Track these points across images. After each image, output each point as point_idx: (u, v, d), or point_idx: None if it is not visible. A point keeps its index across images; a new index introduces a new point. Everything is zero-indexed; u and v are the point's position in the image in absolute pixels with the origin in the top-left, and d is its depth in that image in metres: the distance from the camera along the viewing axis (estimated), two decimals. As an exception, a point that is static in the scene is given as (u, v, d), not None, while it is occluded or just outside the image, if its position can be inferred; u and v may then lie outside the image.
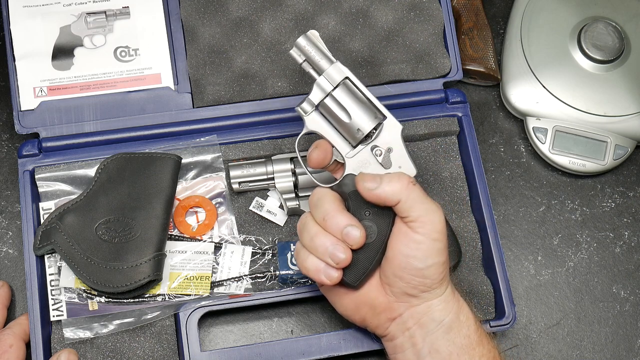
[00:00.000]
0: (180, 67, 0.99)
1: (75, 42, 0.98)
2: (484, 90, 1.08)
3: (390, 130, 0.83)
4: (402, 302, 0.81)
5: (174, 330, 0.91)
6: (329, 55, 0.82)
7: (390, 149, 0.83)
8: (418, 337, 0.81)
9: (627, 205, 1.04)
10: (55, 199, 0.94)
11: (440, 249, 0.79)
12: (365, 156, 0.82)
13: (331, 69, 0.82)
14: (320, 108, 0.83)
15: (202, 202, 0.95)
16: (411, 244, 0.79)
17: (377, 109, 0.83)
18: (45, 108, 0.96)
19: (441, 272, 0.80)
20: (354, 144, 0.82)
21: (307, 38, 0.82)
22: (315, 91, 0.83)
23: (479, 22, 1.05)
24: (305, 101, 0.83)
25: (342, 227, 0.79)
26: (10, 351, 0.88)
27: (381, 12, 1.01)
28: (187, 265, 0.92)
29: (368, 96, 0.83)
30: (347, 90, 0.82)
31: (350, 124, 0.82)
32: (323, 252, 0.79)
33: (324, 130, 0.83)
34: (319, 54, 0.82)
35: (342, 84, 0.82)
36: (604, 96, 1.03)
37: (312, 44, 0.82)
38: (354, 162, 0.83)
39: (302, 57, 0.83)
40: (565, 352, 0.98)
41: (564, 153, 1.02)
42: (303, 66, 0.83)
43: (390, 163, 0.82)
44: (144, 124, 0.97)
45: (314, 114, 0.83)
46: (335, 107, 0.82)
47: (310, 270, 0.81)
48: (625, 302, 1.00)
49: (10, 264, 0.97)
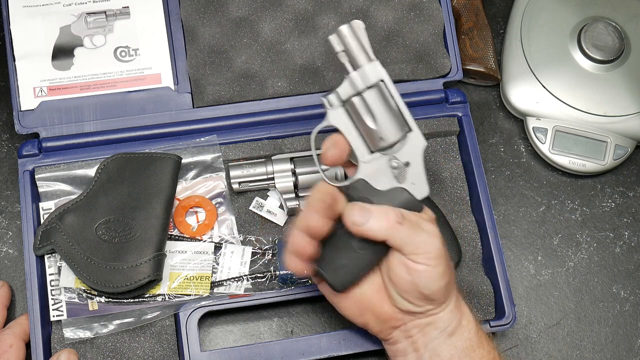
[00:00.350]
0: (180, 67, 0.99)
1: (75, 42, 0.98)
2: (484, 90, 1.08)
3: (413, 144, 0.79)
4: (407, 316, 0.80)
5: (174, 330, 0.91)
6: (369, 52, 0.77)
7: (409, 163, 0.78)
8: (420, 343, 0.80)
9: (627, 205, 1.04)
10: (55, 199, 0.94)
11: (441, 273, 0.77)
12: (381, 165, 0.78)
13: (368, 66, 0.77)
14: (347, 105, 0.78)
15: (202, 202, 0.95)
16: (413, 272, 0.77)
17: (405, 120, 0.78)
18: (45, 108, 0.96)
19: (446, 292, 0.79)
20: (373, 149, 0.78)
21: (351, 28, 0.77)
22: (345, 86, 0.78)
23: (479, 22, 1.05)
24: (333, 93, 0.78)
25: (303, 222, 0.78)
26: (10, 351, 0.88)
27: (381, 12, 1.01)
28: (187, 265, 0.92)
29: (399, 105, 0.78)
30: (380, 94, 0.77)
31: (374, 131, 0.77)
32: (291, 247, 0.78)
33: (346, 128, 0.78)
34: (359, 47, 0.77)
35: (375, 86, 0.77)
36: (604, 96, 1.03)
37: (355, 35, 0.77)
38: (368, 167, 0.78)
39: (341, 46, 0.77)
40: (565, 352, 0.98)
41: (564, 153, 1.02)
42: (339, 55, 0.77)
43: (405, 178, 0.78)
44: (144, 124, 0.97)
45: (339, 109, 0.78)
46: (362, 110, 0.77)
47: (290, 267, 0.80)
48: (625, 302, 1.00)
49: (10, 264, 0.97)
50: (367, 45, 0.77)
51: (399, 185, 0.78)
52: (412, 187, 0.79)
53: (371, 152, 0.79)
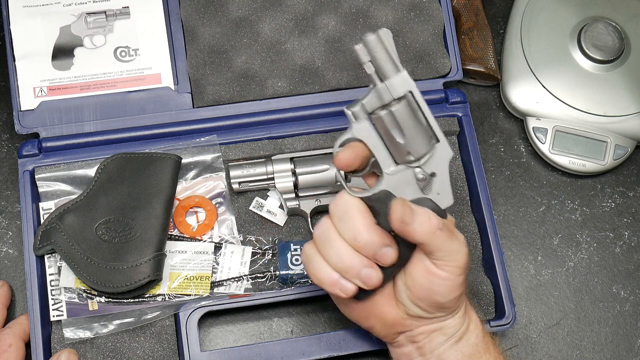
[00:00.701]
0: (180, 67, 0.99)
1: (75, 42, 0.98)
2: (484, 90, 1.08)
3: (440, 155, 0.76)
4: (414, 321, 0.79)
5: (174, 330, 0.91)
6: (396, 62, 0.73)
7: (434, 173, 0.76)
8: (427, 348, 0.80)
9: (627, 205, 1.04)
10: (55, 199, 0.94)
11: (461, 283, 0.76)
12: (406, 176, 0.76)
13: (396, 78, 0.73)
14: (373, 117, 0.75)
15: (202, 202, 0.95)
16: (435, 279, 0.76)
17: (433, 132, 0.75)
18: (45, 108, 0.96)
19: (460, 302, 0.78)
20: (398, 161, 0.76)
21: (378, 37, 0.72)
22: (371, 97, 0.74)
23: (479, 22, 1.05)
24: (358, 105, 0.74)
25: (378, 247, 0.74)
26: (9, 350, 0.88)
27: (381, 12, 1.01)
28: (187, 265, 0.92)
29: (427, 116, 0.75)
30: (408, 106, 0.74)
31: (402, 145, 0.74)
32: (353, 274, 0.75)
33: (371, 141, 0.75)
34: (387, 57, 0.73)
35: (404, 98, 0.74)
36: (604, 96, 1.03)
37: (382, 44, 0.73)
38: (392, 179, 0.76)
39: (368, 56, 0.73)
40: (565, 352, 0.98)
41: (564, 153, 1.02)
42: (365, 66, 0.73)
43: (431, 189, 0.76)
44: (144, 124, 0.97)
45: (365, 122, 0.75)
46: (390, 124, 0.74)
47: (324, 282, 0.76)
48: (625, 302, 1.00)
49: (10, 264, 0.97)
50: (395, 54, 0.73)
51: (423, 196, 0.77)
52: (437, 197, 0.77)
53: (396, 164, 0.76)
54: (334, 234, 0.75)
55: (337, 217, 0.76)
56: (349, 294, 0.76)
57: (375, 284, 0.76)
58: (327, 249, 0.76)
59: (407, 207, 0.74)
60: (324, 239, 0.76)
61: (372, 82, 0.74)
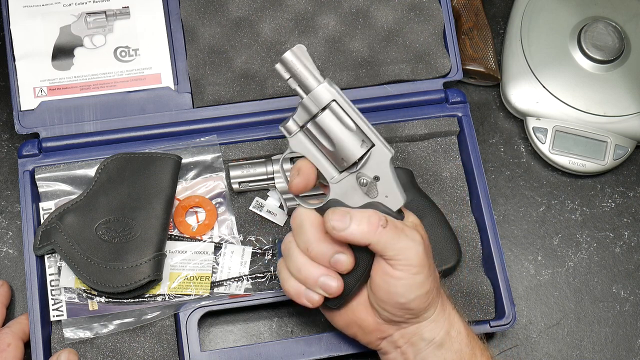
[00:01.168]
0: (180, 67, 0.99)
1: (75, 42, 0.98)
2: (484, 90, 1.08)
3: (379, 157, 0.77)
4: (390, 326, 0.80)
5: (174, 330, 0.91)
6: (315, 74, 0.77)
7: (377, 177, 0.77)
8: (410, 354, 0.80)
9: (627, 205, 1.04)
10: (55, 199, 0.94)
11: (421, 282, 0.76)
12: (350, 183, 0.78)
13: (318, 89, 0.76)
14: (305, 130, 0.78)
15: (202, 202, 0.95)
16: (390, 280, 0.76)
17: (365, 135, 0.77)
18: (45, 108, 0.96)
19: (425, 301, 0.78)
20: (339, 169, 0.78)
21: (293, 53, 0.76)
22: (300, 112, 0.77)
23: (479, 22, 1.05)
24: (290, 120, 0.78)
25: (329, 255, 0.77)
26: (8, 350, 0.88)
27: (381, 12, 1.01)
28: (187, 265, 0.92)
29: (356, 121, 0.77)
30: (333, 115, 0.77)
31: (334, 152, 0.77)
32: (313, 284, 0.78)
33: (310, 153, 0.78)
34: (305, 71, 0.76)
35: (328, 107, 0.76)
36: (604, 96, 1.03)
37: (299, 60, 0.76)
38: (338, 187, 0.78)
39: (288, 73, 0.77)
40: (565, 352, 0.98)
41: (564, 153, 1.02)
42: (288, 83, 0.77)
43: (377, 192, 0.78)
44: (144, 124, 0.97)
45: (299, 134, 0.78)
46: (319, 134, 0.77)
47: (291, 293, 0.79)
48: (625, 302, 1.00)
49: (10, 264, 0.97)
50: (313, 67, 0.76)
51: (371, 200, 0.78)
52: (386, 199, 0.78)
53: (339, 172, 0.78)
54: (293, 246, 0.79)
55: (294, 230, 0.79)
56: (315, 304, 0.79)
57: (335, 291, 0.78)
58: (289, 261, 0.79)
59: (339, 212, 0.75)
60: (286, 252, 0.80)
61: (299, 96, 0.77)
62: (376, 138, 0.78)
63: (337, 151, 0.77)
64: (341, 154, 0.77)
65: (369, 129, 0.77)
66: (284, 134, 0.79)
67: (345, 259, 0.77)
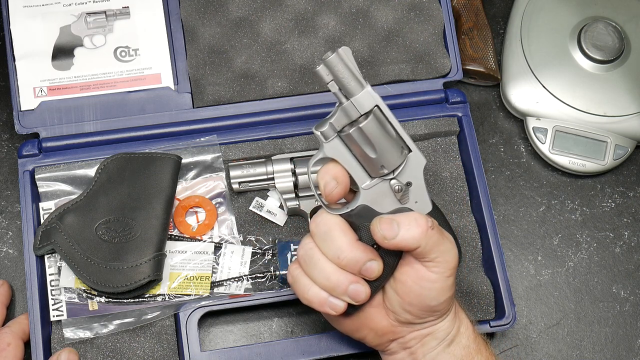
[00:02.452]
0: (180, 67, 0.99)
1: (75, 42, 0.98)
2: (484, 90, 1.08)
3: (414, 164, 0.76)
4: (406, 327, 0.79)
5: (174, 330, 0.91)
6: (359, 78, 0.73)
7: (410, 183, 0.76)
8: (419, 353, 0.80)
9: (627, 205, 1.04)
10: (55, 199, 0.94)
11: (451, 284, 0.76)
12: (383, 189, 0.76)
13: (361, 94, 0.73)
14: (343, 136, 0.74)
15: (202, 202, 0.95)
16: (425, 283, 0.75)
17: (404, 142, 0.75)
18: (45, 108, 0.96)
19: (451, 303, 0.78)
20: (373, 175, 0.76)
21: (339, 56, 0.72)
22: (339, 116, 0.74)
23: (479, 22, 1.05)
24: (327, 125, 0.74)
25: (362, 263, 0.75)
26: (8, 349, 0.88)
27: (381, 12, 1.01)
28: (187, 265, 0.92)
29: (396, 128, 0.75)
30: (376, 121, 0.74)
31: (374, 159, 0.74)
32: (341, 292, 0.76)
33: (344, 159, 0.75)
34: (349, 74, 0.72)
35: (372, 113, 0.74)
36: (604, 96, 1.03)
37: (344, 63, 0.72)
38: (369, 193, 0.76)
39: (330, 76, 0.73)
40: (565, 352, 0.98)
41: (564, 153, 1.02)
42: (329, 86, 0.73)
43: (408, 198, 0.77)
44: (144, 124, 0.97)
45: (335, 140, 0.74)
46: (361, 140, 0.74)
47: (313, 302, 0.77)
48: (625, 302, 1.00)
49: (10, 264, 0.97)
50: (357, 71, 0.73)
51: (401, 205, 0.77)
52: (415, 205, 0.77)
53: (371, 178, 0.76)
54: (317, 253, 0.76)
55: (318, 236, 0.76)
56: (339, 312, 0.77)
57: (364, 298, 0.76)
58: (312, 269, 0.76)
59: (386, 221, 0.74)
60: (308, 259, 0.77)
61: (338, 100, 0.74)
62: (412, 144, 0.76)
63: (378, 158, 0.74)
64: (382, 160, 0.75)
65: (407, 136, 0.76)
66: (319, 139, 0.75)
67: (377, 266, 0.76)
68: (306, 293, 0.77)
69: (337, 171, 0.75)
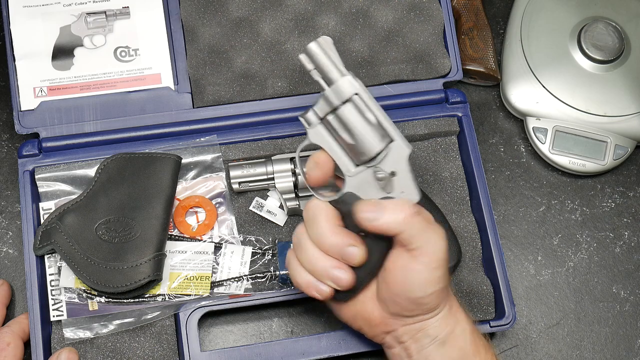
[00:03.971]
0: (180, 67, 0.99)
1: (75, 42, 0.98)
2: (484, 90, 1.08)
3: (397, 153, 0.77)
4: (396, 320, 0.80)
5: (174, 330, 0.91)
6: (339, 66, 0.76)
7: (394, 172, 0.77)
8: (413, 349, 0.80)
9: (627, 205, 1.04)
10: (55, 199, 0.94)
11: (440, 277, 0.76)
12: (367, 177, 0.78)
13: (341, 81, 0.76)
14: (325, 122, 0.78)
15: (202, 202, 0.95)
16: (411, 272, 0.76)
17: (385, 130, 0.77)
18: (45, 108, 0.96)
19: (439, 298, 0.78)
20: (357, 163, 0.78)
21: (318, 44, 0.76)
22: (321, 104, 0.77)
23: (479, 22, 1.05)
24: (310, 112, 0.78)
25: (341, 247, 0.77)
26: (7, 349, 0.88)
27: (381, 12, 1.01)
28: (187, 265, 0.92)
29: (377, 116, 0.77)
30: (355, 108, 0.76)
31: (354, 146, 0.77)
32: (324, 276, 0.78)
33: (328, 145, 0.78)
34: (329, 63, 0.76)
35: (350, 100, 0.76)
36: (604, 96, 1.03)
37: (324, 51, 0.76)
38: (354, 181, 0.78)
39: (312, 64, 0.77)
40: (565, 352, 0.98)
41: (564, 153, 1.02)
42: (311, 74, 0.77)
43: (393, 187, 0.77)
44: (144, 124, 0.97)
45: (319, 126, 0.78)
46: (338, 126, 0.77)
47: (301, 284, 0.79)
48: (625, 302, 1.00)
49: (10, 264, 0.97)
50: (338, 60, 0.76)
51: (387, 195, 0.78)
52: (402, 195, 0.78)
53: (356, 165, 0.78)
54: (305, 238, 0.79)
55: (307, 222, 0.79)
56: (324, 296, 0.79)
57: (346, 284, 0.78)
58: (301, 253, 0.79)
59: (371, 203, 0.76)
60: (297, 243, 0.79)
61: (321, 88, 0.77)
62: (396, 134, 0.77)
63: (356, 144, 0.77)
64: (361, 147, 0.77)
65: (389, 125, 0.77)
66: (303, 125, 0.78)
67: (358, 252, 0.77)
68: (296, 276, 0.80)
69: (320, 157, 0.79)
